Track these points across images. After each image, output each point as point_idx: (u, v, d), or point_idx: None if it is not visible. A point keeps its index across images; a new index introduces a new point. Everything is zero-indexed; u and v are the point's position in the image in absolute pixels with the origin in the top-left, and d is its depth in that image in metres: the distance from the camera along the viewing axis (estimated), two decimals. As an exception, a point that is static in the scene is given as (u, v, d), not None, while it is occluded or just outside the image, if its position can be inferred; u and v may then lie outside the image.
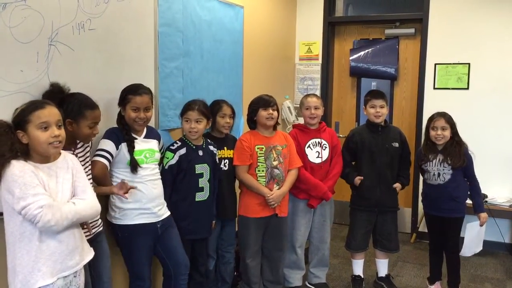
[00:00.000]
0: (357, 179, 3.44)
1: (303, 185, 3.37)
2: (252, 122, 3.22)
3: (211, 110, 3.07)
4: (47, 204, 1.80)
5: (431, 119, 3.32)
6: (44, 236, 1.85)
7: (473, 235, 3.35)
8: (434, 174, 3.32)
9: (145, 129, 2.67)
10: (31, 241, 1.84)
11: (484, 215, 3.33)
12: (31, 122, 1.84)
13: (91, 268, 2.30)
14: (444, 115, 3.28)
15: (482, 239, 3.43)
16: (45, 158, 1.91)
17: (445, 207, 3.30)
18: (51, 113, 1.89)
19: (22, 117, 1.85)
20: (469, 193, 3.38)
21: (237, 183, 3.30)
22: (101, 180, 2.46)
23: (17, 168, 1.80)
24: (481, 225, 3.33)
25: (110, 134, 2.52)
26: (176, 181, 2.85)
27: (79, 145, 2.33)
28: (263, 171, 3.15)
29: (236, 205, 3.30)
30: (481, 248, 3.46)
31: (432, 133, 3.30)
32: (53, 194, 1.88)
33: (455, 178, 3.27)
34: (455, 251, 3.38)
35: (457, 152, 3.24)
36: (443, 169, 3.28)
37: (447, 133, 3.26)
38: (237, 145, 3.19)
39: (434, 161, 3.31)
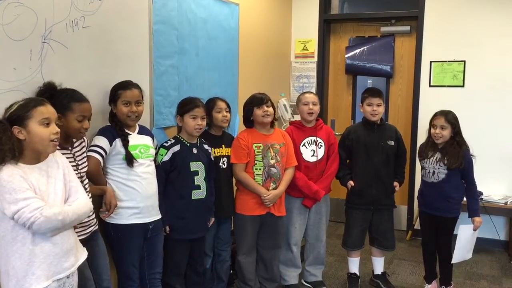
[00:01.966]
0: (349, 184, 3.44)
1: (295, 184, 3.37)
2: (249, 122, 3.21)
3: (207, 108, 3.07)
4: (40, 207, 1.77)
5: (434, 116, 3.30)
6: (38, 239, 1.83)
7: (465, 238, 3.28)
8: (429, 172, 3.32)
9: (137, 127, 2.68)
10: (24, 244, 1.81)
11: (478, 219, 3.27)
12: (33, 118, 1.82)
13: (91, 267, 2.29)
14: (445, 114, 3.24)
15: (473, 246, 3.36)
16: (36, 158, 1.89)
17: (437, 206, 3.30)
18: (51, 111, 1.89)
19: (23, 112, 1.82)
20: (466, 195, 3.33)
21: (234, 181, 3.28)
22: (94, 175, 2.45)
23: (5, 173, 1.76)
24: (474, 229, 3.27)
25: (103, 131, 2.53)
26: (171, 179, 2.83)
27: (76, 144, 2.32)
28: (260, 169, 3.14)
29: (233, 204, 3.29)
30: (470, 256, 3.38)
31: (432, 130, 3.29)
32: (44, 196, 1.85)
33: (449, 179, 3.25)
34: (446, 250, 3.35)
35: (455, 152, 3.20)
36: (438, 168, 3.27)
37: (446, 133, 3.23)
38: (234, 143, 3.17)
39: (431, 158, 3.30)
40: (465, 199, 3.36)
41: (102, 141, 2.48)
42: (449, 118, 3.23)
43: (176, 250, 2.87)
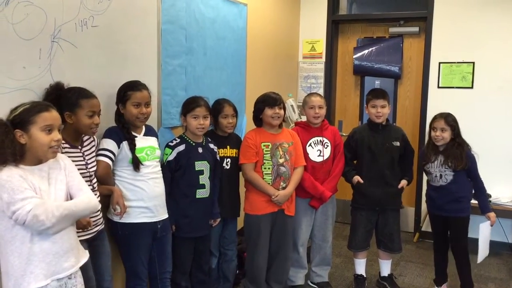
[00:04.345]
0: (355, 179, 3.43)
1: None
2: (258, 120, 3.20)
3: (213, 110, 3.08)
4: (37, 204, 1.75)
5: (433, 119, 3.32)
6: (37, 238, 1.81)
7: (486, 236, 3.30)
8: (436, 176, 3.30)
9: (143, 128, 2.68)
10: (23, 243, 1.80)
11: (492, 214, 3.29)
12: (36, 123, 1.82)
13: (93, 267, 2.29)
14: (445, 117, 3.24)
15: (488, 242, 3.37)
16: (37, 160, 1.88)
17: (449, 208, 3.28)
18: (56, 117, 1.88)
19: (26, 117, 1.82)
20: (474, 193, 3.35)
21: (241, 181, 3.28)
22: (104, 179, 2.46)
23: (4, 173, 1.76)
24: (491, 225, 3.28)
25: (110, 133, 2.52)
26: (176, 178, 2.84)
27: (85, 143, 2.33)
28: (269, 168, 3.13)
29: (237, 205, 3.29)
30: (488, 251, 3.39)
31: (432, 133, 3.30)
32: (44, 196, 1.84)
33: (457, 179, 3.24)
34: (463, 252, 3.32)
35: (458, 154, 3.21)
36: (445, 171, 3.26)
37: (446, 135, 3.23)
38: (243, 143, 3.17)
39: (435, 162, 3.30)
40: (473, 201, 3.35)
41: (110, 144, 2.48)
42: (449, 120, 3.23)
43: (180, 248, 2.89)
